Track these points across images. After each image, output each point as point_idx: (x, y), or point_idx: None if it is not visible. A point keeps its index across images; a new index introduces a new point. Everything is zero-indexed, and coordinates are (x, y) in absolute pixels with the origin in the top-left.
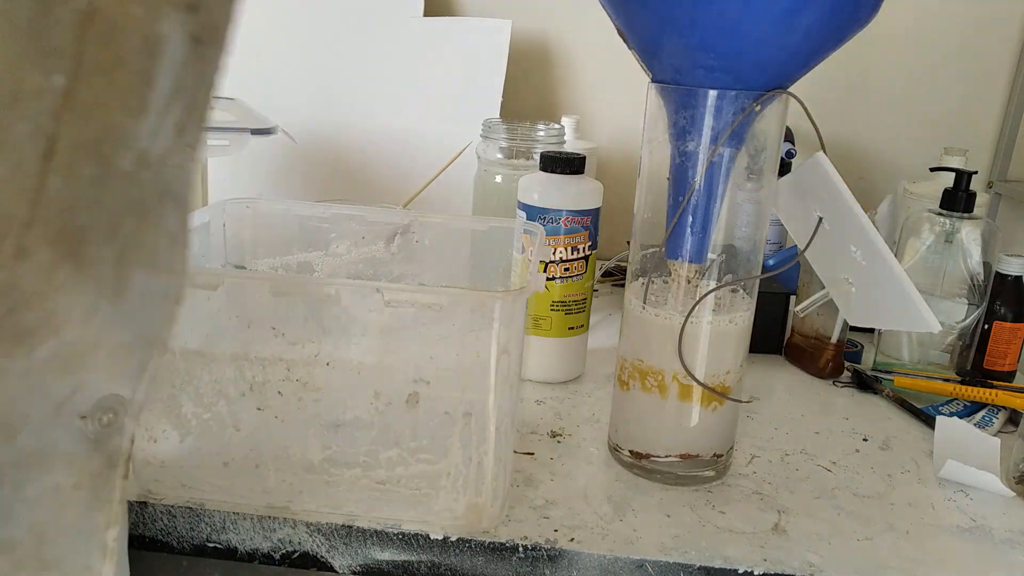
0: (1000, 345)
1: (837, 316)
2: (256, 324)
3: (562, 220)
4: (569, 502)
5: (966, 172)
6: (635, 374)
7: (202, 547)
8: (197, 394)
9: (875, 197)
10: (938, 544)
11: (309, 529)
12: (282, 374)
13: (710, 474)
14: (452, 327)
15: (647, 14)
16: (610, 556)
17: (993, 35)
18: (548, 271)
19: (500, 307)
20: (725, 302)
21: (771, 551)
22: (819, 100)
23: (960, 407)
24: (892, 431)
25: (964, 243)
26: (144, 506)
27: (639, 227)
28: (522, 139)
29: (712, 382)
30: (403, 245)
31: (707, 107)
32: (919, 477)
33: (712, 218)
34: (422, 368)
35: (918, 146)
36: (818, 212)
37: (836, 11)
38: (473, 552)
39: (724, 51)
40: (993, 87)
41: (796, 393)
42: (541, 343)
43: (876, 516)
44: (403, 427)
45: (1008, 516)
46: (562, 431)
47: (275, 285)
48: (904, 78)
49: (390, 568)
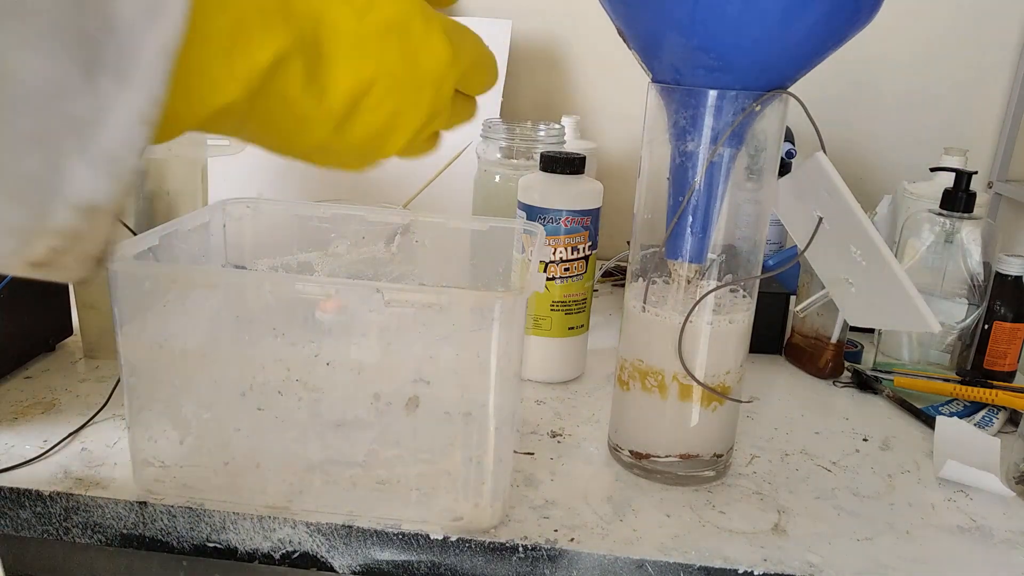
0: (1000, 345)
1: (837, 316)
2: (256, 324)
3: (562, 220)
4: (569, 502)
5: (966, 172)
6: (635, 374)
7: (202, 547)
8: (197, 394)
9: (875, 197)
10: (938, 544)
11: (309, 529)
12: (282, 374)
13: (710, 474)
14: (452, 327)
15: (647, 14)
16: (610, 556)
17: (993, 35)
18: (548, 271)
19: (500, 307)
20: (725, 302)
21: (771, 551)
22: (819, 100)
23: (960, 407)
24: (892, 431)
25: (964, 243)
26: (144, 506)
27: (639, 227)
28: (522, 139)
29: (712, 382)
30: (403, 245)
31: (707, 107)
32: (919, 477)
33: (712, 218)
34: (422, 368)
35: (918, 146)
36: (818, 212)
37: (836, 11)
38: (473, 552)
39: (724, 51)
40: (993, 87)
41: (796, 393)
42: (541, 343)
43: (876, 516)
44: (403, 427)
45: (1008, 516)
46: (562, 431)
47: (275, 285)
48: (904, 78)
49: (390, 568)
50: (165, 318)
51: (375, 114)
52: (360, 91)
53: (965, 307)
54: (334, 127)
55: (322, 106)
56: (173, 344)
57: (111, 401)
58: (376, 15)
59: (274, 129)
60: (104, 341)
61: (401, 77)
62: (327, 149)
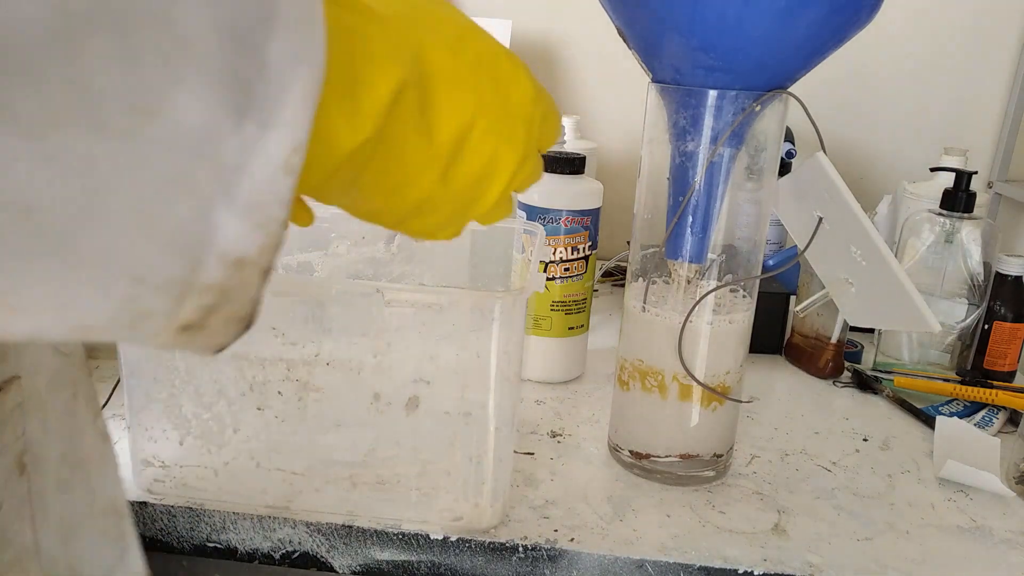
0: (1000, 345)
1: (837, 316)
2: (256, 324)
3: (562, 220)
4: (569, 502)
5: (966, 172)
6: (635, 374)
7: (202, 547)
8: (197, 394)
9: (875, 197)
10: (938, 544)
11: (309, 529)
12: (282, 374)
13: (710, 474)
14: (452, 327)
15: (647, 14)
16: (610, 556)
17: (993, 35)
18: (548, 271)
19: (500, 307)
20: (725, 302)
21: (771, 551)
22: (819, 100)
23: (960, 407)
24: (892, 431)
25: (964, 243)
26: (144, 506)
27: (639, 227)
28: None
29: (712, 382)
30: (403, 245)
31: (707, 107)
32: (919, 477)
33: (712, 218)
34: (422, 368)
35: (918, 146)
36: (818, 212)
37: (836, 11)
38: (473, 552)
39: (724, 51)
40: (993, 87)
41: (796, 393)
42: (541, 343)
43: (876, 516)
44: (403, 427)
45: (1008, 516)
46: (562, 431)
47: (275, 285)
48: (904, 78)
49: (390, 568)
50: None
51: (478, 155)
52: (464, 128)
53: (965, 307)
54: (440, 173)
55: (432, 147)
56: None
57: (111, 401)
58: (469, 49)
59: (386, 180)
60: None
61: (498, 113)
62: (432, 201)
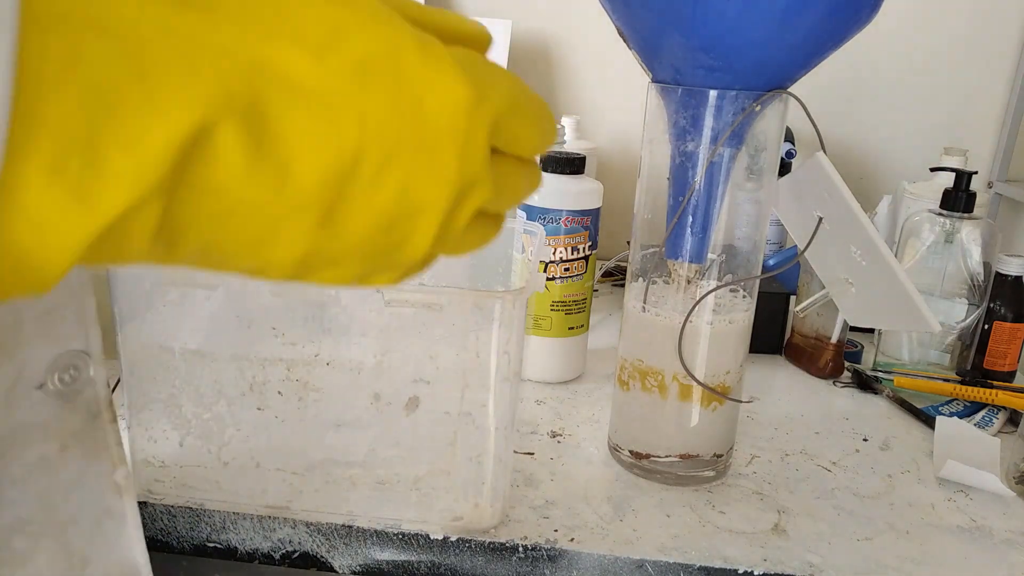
0: (1000, 345)
1: (837, 316)
2: (256, 324)
3: (562, 220)
4: (569, 502)
5: (966, 172)
6: (635, 374)
7: (202, 547)
8: (197, 394)
9: (875, 197)
10: (938, 544)
11: (309, 529)
12: (282, 374)
13: (710, 474)
14: (452, 327)
15: (647, 14)
16: (610, 556)
17: (993, 35)
18: (548, 271)
19: (500, 307)
20: (725, 302)
21: (771, 551)
22: (819, 100)
23: (960, 407)
24: (892, 431)
25: (964, 243)
26: (144, 506)
27: (639, 227)
28: None
29: (712, 382)
30: None
31: (707, 107)
32: (919, 477)
33: (712, 218)
34: (422, 368)
35: (918, 146)
36: (818, 212)
37: (836, 11)
38: (473, 552)
39: (724, 51)
40: (993, 87)
41: (796, 393)
42: (541, 343)
43: (876, 516)
44: (403, 427)
45: (1008, 516)
46: (562, 431)
47: (275, 285)
48: (904, 78)
49: (390, 568)
50: (165, 318)
51: (377, 195)
52: (341, 164)
53: (965, 307)
54: (317, 222)
55: (292, 193)
56: (173, 344)
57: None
58: (346, 50)
59: (233, 239)
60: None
61: (402, 136)
62: (320, 255)
